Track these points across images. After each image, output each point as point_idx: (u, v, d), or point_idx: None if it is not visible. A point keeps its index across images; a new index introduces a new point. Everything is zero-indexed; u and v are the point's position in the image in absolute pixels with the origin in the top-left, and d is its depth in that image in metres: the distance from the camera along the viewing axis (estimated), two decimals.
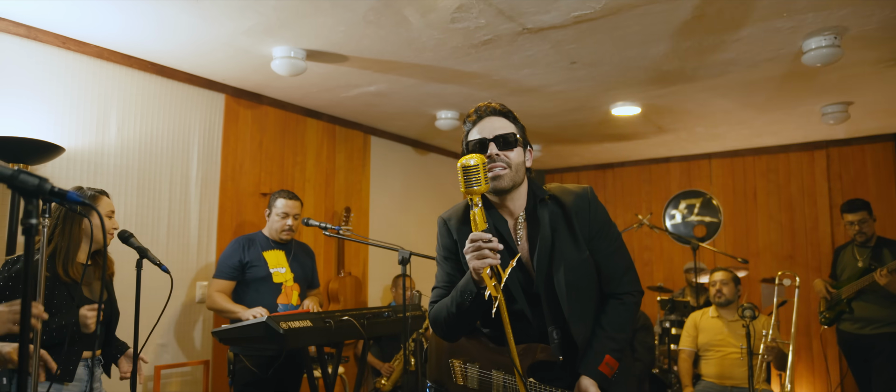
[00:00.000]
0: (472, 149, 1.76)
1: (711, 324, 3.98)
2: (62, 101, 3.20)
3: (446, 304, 1.77)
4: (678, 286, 6.04)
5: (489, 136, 1.75)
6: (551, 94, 4.25)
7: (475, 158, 1.60)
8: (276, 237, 3.49)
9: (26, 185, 0.97)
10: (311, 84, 4.03)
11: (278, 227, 3.46)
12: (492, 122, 1.78)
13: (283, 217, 3.45)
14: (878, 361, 3.94)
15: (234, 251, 3.42)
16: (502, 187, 1.74)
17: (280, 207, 3.45)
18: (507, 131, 1.76)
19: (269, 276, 3.40)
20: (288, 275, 3.46)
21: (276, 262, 3.45)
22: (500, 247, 1.59)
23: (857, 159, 5.66)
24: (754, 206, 6.11)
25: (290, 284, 3.45)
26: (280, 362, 3.22)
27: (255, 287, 3.37)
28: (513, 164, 1.74)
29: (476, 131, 1.78)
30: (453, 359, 1.90)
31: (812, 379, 5.64)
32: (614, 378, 1.70)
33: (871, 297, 3.95)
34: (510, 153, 1.74)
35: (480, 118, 1.80)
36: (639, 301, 1.81)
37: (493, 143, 1.74)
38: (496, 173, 1.72)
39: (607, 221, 1.80)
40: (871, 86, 4.08)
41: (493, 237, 1.58)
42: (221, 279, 3.37)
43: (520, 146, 1.78)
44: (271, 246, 3.49)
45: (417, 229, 5.69)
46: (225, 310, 3.26)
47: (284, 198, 3.47)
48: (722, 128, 5.27)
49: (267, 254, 3.44)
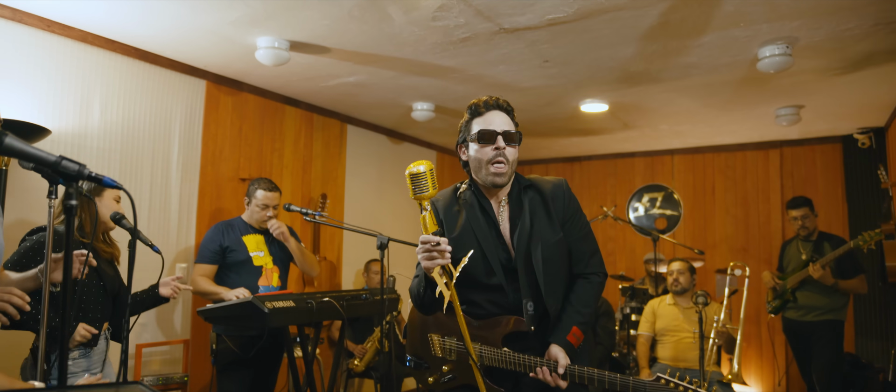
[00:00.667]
0: (480, 138, 1.89)
1: (668, 310, 4.25)
2: (46, 83, 3.25)
3: (414, 286, 1.96)
4: (639, 275, 6.33)
5: (499, 129, 1.89)
6: (524, 90, 4.44)
7: (424, 165, 1.69)
8: (256, 225, 3.58)
9: (68, 169, 1.09)
10: (292, 73, 4.13)
11: (258, 217, 3.54)
12: (500, 116, 1.92)
13: (263, 208, 3.52)
14: (817, 346, 4.27)
15: (214, 236, 3.51)
16: (502, 183, 1.90)
17: (260, 199, 3.52)
18: (512, 129, 1.92)
19: (249, 259, 3.50)
20: (267, 258, 3.56)
21: (256, 246, 3.55)
22: (449, 249, 1.70)
23: (808, 159, 6.01)
24: (712, 200, 6.42)
25: (270, 267, 3.55)
26: (262, 343, 3.34)
27: (236, 270, 3.48)
28: (511, 161, 1.91)
29: (483, 122, 1.91)
30: (432, 334, 2.08)
31: (760, 363, 6.00)
32: (580, 348, 1.90)
33: (812, 286, 4.27)
34: (511, 150, 1.91)
35: (489, 109, 1.93)
36: (603, 281, 2.02)
37: (502, 136, 1.89)
38: (498, 170, 1.87)
39: (579, 210, 2.00)
40: (820, 91, 4.37)
41: (441, 240, 1.70)
42: (204, 264, 3.47)
43: (517, 145, 1.94)
44: (250, 230, 3.58)
45: (391, 216, 5.84)
46: (208, 292, 3.36)
47: (264, 189, 3.53)
48: (684, 126, 5.55)
49: (246, 238, 3.54)
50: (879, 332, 5.25)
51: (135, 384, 1.07)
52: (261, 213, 3.53)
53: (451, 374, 2.03)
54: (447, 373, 2.03)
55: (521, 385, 1.96)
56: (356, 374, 4.74)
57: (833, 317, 4.24)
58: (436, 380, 2.06)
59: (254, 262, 3.51)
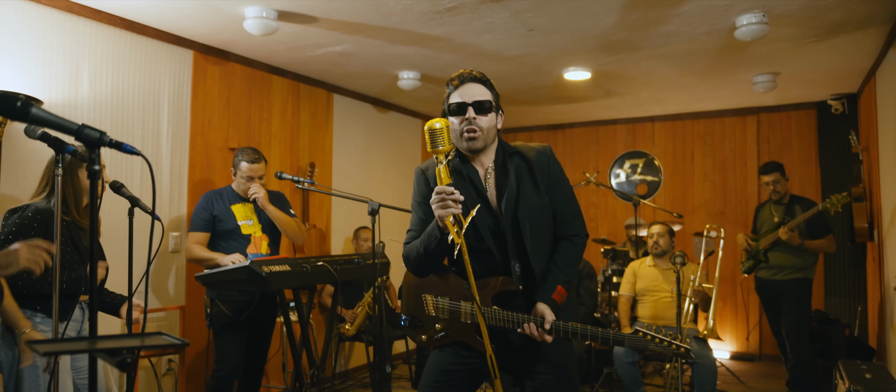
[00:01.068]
0: (452, 110, 2.02)
1: (648, 271, 4.43)
2: (34, 55, 3.25)
3: (416, 245, 2.06)
4: (620, 240, 6.52)
5: (468, 100, 2.01)
6: (508, 59, 4.51)
7: (440, 122, 1.86)
8: (243, 195, 3.63)
9: (91, 137, 1.17)
10: (279, 42, 4.16)
11: (243, 188, 3.58)
12: (471, 88, 2.03)
13: (247, 180, 3.56)
14: (787, 303, 4.49)
15: (205, 204, 3.57)
16: (476, 148, 2.02)
17: (244, 171, 3.55)
18: (483, 98, 2.02)
19: (238, 228, 3.56)
20: (256, 226, 3.62)
21: (244, 215, 3.61)
22: (461, 198, 1.85)
23: (784, 125, 6.18)
24: (691, 166, 6.60)
25: (258, 235, 3.62)
26: (252, 309, 3.42)
27: (225, 239, 3.54)
28: (485, 128, 2.01)
29: (457, 95, 2.03)
30: (426, 294, 2.20)
31: (734, 322, 6.26)
32: (564, 304, 2.04)
33: (783, 247, 4.47)
34: (484, 118, 2.01)
35: (462, 83, 2.05)
36: (585, 242, 2.15)
37: (472, 107, 2.00)
38: (471, 136, 1.99)
39: (562, 175, 2.12)
40: (796, 58, 4.50)
41: (455, 190, 1.85)
42: (197, 232, 3.53)
43: (493, 112, 2.05)
44: (239, 199, 3.62)
45: (378, 183, 5.92)
46: (203, 258, 3.44)
47: (247, 161, 3.55)
48: (664, 93, 5.67)
49: (234, 207, 3.59)
50: (847, 290, 5.51)
51: (158, 334, 1.17)
52: (245, 184, 3.57)
53: (443, 332, 2.15)
54: (440, 330, 2.16)
55: (509, 340, 2.10)
56: (347, 338, 4.88)
57: (802, 275, 4.46)
58: (429, 337, 2.19)
59: (242, 231, 3.57)
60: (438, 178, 1.88)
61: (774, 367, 5.67)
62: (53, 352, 1.01)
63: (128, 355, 0.99)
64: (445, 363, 2.14)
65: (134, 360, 1.01)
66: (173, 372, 3.92)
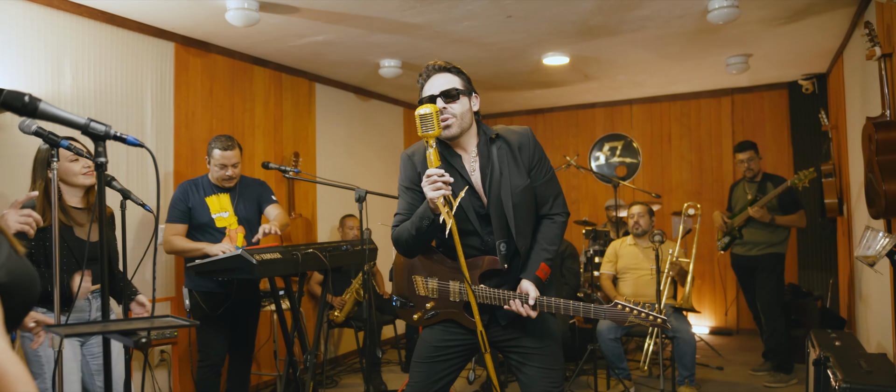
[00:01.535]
0: (424, 102, 2.10)
1: (628, 250, 4.56)
2: (14, 50, 3.24)
3: (407, 227, 2.14)
4: (601, 221, 6.66)
5: (436, 91, 2.10)
6: (488, 45, 4.58)
7: (429, 108, 1.97)
8: (219, 184, 3.53)
9: (97, 130, 1.22)
10: (261, 33, 4.18)
11: (218, 176, 3.48)
12: (439, 79, 2.13)
13: (221, 168, 3.45)
14: (761, 277, 4.67)
15: (181, 196, 3.46)
16: (452, 135, 2.11)
17: (217, 158, 3.44)
18: (450, 86, 2.10)
19: (212, 221, 3.45)
20: (231, 218, 3.51)
21: (219, 207, 3.49)
22: (451, 180, 1.95)
23: (757, 105, 6.35)
24: (669, 147, 6.75)
25: (234, 227, 3.51)
26: (231, 301, 3.40)
27: (200, 232, 3.44)
28: (458, 115, 2.10)
29: (427, 87, 2.14)
30: (415, 275, 2.28)
31: (712, 297, 6.45)
32: (548, 281, 2.14)
33: (756, 224, 4.64)
34: (454, 105, 2.10)
35: (429, 76, 2.15)
36: (566, 221, 2.24)
37: (440, 97, 2.09)
38: (447, 123, 2.08)
39: (543, 156, 2.21)
40: (767, 40, 4.63)
41: (444, 172, 1.94)
42: (175, 223, 3.43)
43: (464, 96, 2.13)
44: (214, 190, 3.52)
45: (362, 172, 5.98)
46: (188, 249, 3.37)
47: (220, 149, 3.43)
48: (641, 76, 5.79)
49: (210, 199, 3.49)
50: (819, 263, 5.72)
51: (166, 316, 1.23)
52: (220, 173, 3.46)
53: (434, 311, 2.24)
54: (430, 309, 2.24)
55: (496, 317, 2.19)
56: (336, 324, 4.96)
57: (775, 251, 4.63)
58: (420, 316, 2.27)
59: (216, 224, 3.47)
60: (429, 161, 1.98)
61: (751, 340, 5.87)
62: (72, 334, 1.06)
63: (142, 336, 1.05)
64: (437, 340, 2.23)
65: (148, 340, 1.07)
66: (166, 362, 3.97)
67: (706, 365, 4.99)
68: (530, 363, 2.17)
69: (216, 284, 3.41)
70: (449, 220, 1.94)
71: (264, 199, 3.68)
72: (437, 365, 2.21)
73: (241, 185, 3.61)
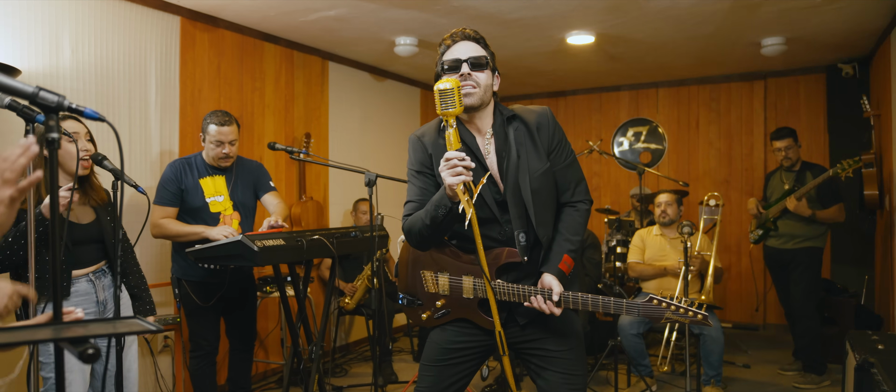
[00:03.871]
0: (447, 68, 1.90)
1: (655, 241, 4.33)
2: (11, 22, 3.09)
3: (420, 216, 1.92)
4: (624, 209, 6.41)
5: (463, 56, 1.89)
6: (508, 22, 4.34)
7: (450, 82, 1.76)
8: (215, 164, 3.27)
9: (47, 101, 1.04)
10: (270, 7, 3.98)
11: (214, 155, 3.20)
12: (466, 45, 1.93)
13: (217, 145, 3.17)
14: (796, 273, 4.39)
15: (172, 176, 3.18)
16: (472, 105, 1.89)
17: (213, 135, 3.15)
18: (479, 54, 1.91)
19: (206, 206, 3.20)
20: (226, 203, 3.26)
21: (214, 190, 3.24)
22: (473, 165, 1.74)
23: (792, 89, 6.02)
24: (696, 133, 6.45)
25: (229, 213, 3.26)
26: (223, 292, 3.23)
27: (192, 216, 3.19)
28: (482, 85, 1.90)
29: (452, 52, 1.93)
30: (424, 271, 2.08)
31: (740, 293, 6.18)
32: (571, 275, 1.93)
33: (793, 215, 4.35)
34: (480, 75, 1.90)
35: (455, 42, 1.94)
36: (589, 209, 2.03)
37: (466, 63, 1.88)
38: (467, 91, 1.87)
39: (564, 138, 1.99)
40: (808, 20, 4.33)
41: (466, 156, 1.73)
42: (165, 206, 3.15)
43: (489, 70, 1.93)
44: (210, 172, 3.25)
45: (376, 154, 5.78)
46: (182, 234, 3.09)
47: (216, 124, 3.14)
48: (669, 58, 5.49)
49: (204, 181, 3.23)
50: (855, 258, 5.41)
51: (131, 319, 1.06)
52: (216, 150, 3.17)
53: (444, 309, 2.04)
54: (441, 308, 2.05)
55: (514, 315, 1.99)
56: (347, 311, 4.80)
57: (812, 244, 4.35)
58: (429, 316, 2.08)
59: (210, 209, 3.20)
60: (448, 142, 1.77)
61: (780, 337, 5.61)
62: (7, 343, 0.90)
63: (90, 346, 0.88)
64: (448, 341, 2.03)
65: (96, 352, 0.90)
66: (170, 348, 3.84)
67: (732, 362, 4.76)
68: (551, 368, 1.97)
69: (207, 273, 3.16)
70: (469, 209, 1.74)
71: (261, 186, 3.41)
72: (449, 368, 2.02)
73: (238, 166, 3.35)
